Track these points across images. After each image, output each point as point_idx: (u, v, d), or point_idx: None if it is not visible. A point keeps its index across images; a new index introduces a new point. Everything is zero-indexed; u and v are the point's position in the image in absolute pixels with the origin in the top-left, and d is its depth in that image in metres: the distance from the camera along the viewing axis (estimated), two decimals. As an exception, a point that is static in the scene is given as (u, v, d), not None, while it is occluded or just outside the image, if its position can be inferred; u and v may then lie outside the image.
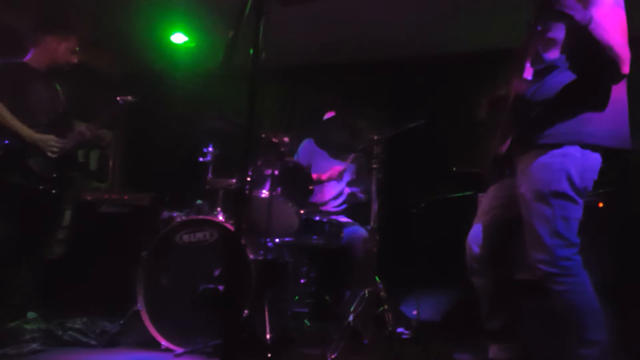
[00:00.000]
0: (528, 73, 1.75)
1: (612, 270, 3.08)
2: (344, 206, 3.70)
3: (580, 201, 1.77)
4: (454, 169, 3.47)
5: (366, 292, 2.77)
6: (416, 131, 3.02)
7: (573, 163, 1.73)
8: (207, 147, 3.04)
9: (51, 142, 2.83)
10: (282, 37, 3.60)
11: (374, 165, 2.98)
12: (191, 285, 2.67)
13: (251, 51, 1.49)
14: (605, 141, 1.75)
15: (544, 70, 1.80)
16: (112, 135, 5.11)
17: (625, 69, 1.68)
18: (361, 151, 3.66)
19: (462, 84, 4.39)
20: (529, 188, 1.78)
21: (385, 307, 2.79)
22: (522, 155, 1.83)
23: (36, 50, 2.95)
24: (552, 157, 1.74)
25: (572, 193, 1.75)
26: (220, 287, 2.63)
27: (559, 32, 1.77)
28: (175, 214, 3.00)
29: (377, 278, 2.85)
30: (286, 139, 2.85)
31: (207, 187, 3.03)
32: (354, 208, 3.67)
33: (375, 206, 2.95)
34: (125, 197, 3.75)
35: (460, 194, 3.62)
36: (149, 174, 4.94)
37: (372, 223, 2.94)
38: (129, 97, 3.01)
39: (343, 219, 3.48)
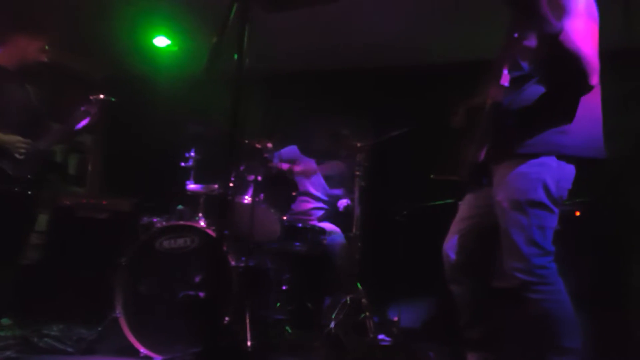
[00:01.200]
0: (505, 80, 1.77)
1: (588, 279, 3.13)
2: (320, 212, 3.70)
3: (556, 210, 1.79)
4: (432, 176, 3.50)
5: (348, 299, 2.77)
6: (399, 139, 3.04)
7: (549, 173, 1.76)
8: (189, 152, 3.02)
9: (18, 144, 2.76)
10: (266, 44, 3.60)
11: (357, 173, 2.99)
12: (171, 292, 2.64)
13: (235, 56, 1.49)
14: (580, 152, 1.78)
15: (522, 78, 1.82)
16: (91, 139, 5.04)
17: (594, 80, 1.71)
18: (344, 158, 3.68)
19: (445, 92, 4.44)
20: (506, 197, 1.80)
21: (367, 314, 2.80)
22: (499, 164, 1.84)
23: (5, 49, 2.88)
24: (529, 167, 1.76)
25: (548, 202, 1.77)
26: (201, 294, 2.60)
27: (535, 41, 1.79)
28: (155, 219, 2.96)
29: (359, 285, 2.85)
30: (269, 145, 2.84)
31: (189, 193, 3.00)
32: (337, 215, 3.68)
33: (357, 213, 2.96)
34: (104, 202, 3.69)
35: (442, 202, 3.65)
36: (128, 178, 4.87)
37: (354, 230, 2.95)
38: (101, 96, 2.96)
39: (325, 225, 3.47)
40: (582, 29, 1.68)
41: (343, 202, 3.63)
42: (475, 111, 1.99)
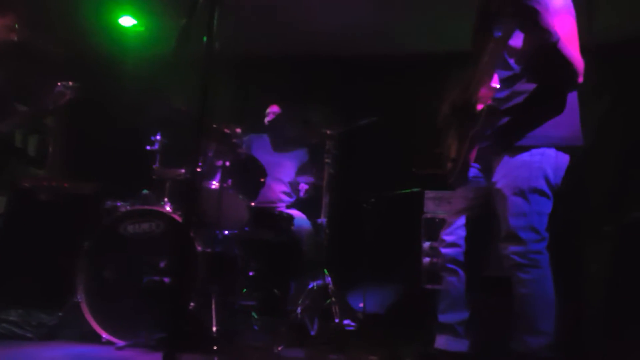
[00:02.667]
0: (495, 80, 1.84)
1: (551, 265, 3.25)
2: (293, 199, 3.71)
3: (552, 197, 1.91)
4: (414, 169, 3.56)
5: (314, 285, 2.79)
6: (368, 128, 3.06)
7: (549, 162, 1.88)
8: (155, 135, 2.96)
9: None
10: (237, 28, 3.55)
11: (326, 160, 3.00)
12: (135, 277, 2.60)
13: (205, 39, 1.46)
14: (570, 142, 1.91)
15: (513, 77, 1.91)
16: (52, 120, 4.87)
17: (581, 79, 1.82)
18: (313, 146, 3.69)
19: (414, 84, 4.50)
20: (508, 184, 1.89)
21: (333, 299, 2.83)
22: (500, 156, 1.93)
23: None
24: (532, 156, 1.87)
25: (547, 190, 1.88)
26: (166, 279, 2.57)
27: (519, 40, 1.85)
28: (119, 203, 2.90)
29: (325, 271, 2.88)
30: (238, 130, 2.82)
31: (154, 177, 2.95)
32: (305, 201, 3.69)
33: (326, 200, 2.98)
34: (66, 185, 3.59)
35: (409, 190, 3.71)
36: (92, 161, 4.75)
37: (322, 217, 2.96)
38: (70, 83, 2.86)
39: (293, 212, 3.48)
40: (565, 27, 1.78)
41: (304, 187, 3.63)
42: (457, 107, 2.04)
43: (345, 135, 3.15)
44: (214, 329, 2.43)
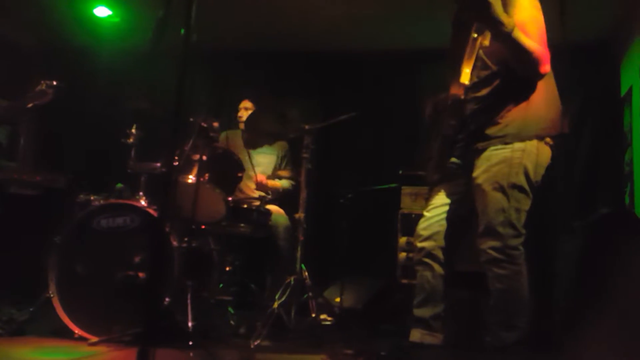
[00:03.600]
0: (465, 78, 1.87)
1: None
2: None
3: (531, 194, 1.94)
4: (400, 172, 3.59)
5: (291, 279, 2.79)
6: (346, 124, 3.07)
7: (530, 158, 1.90)
8: (130, 128, 2.91)
9: None
10: (216, 21, 3.52)
11: (304, 155, 3.00)
12: (109, 272, 2.57)
13: (182, 31, 1.44)
14: (552, 131, 1.96)
15: (491, 76, 1.96)
16: (24, 112, 4.75)
17: (545, 68, 1.87)
18: (291, 141, 3.68)
19: (392, 79, 4.53)
20: (488, 179, 1.91)
21: (310, 294, 2.84)
22: (481, 152, 1.96)
23: None
24: (513, 152, 1.90)
25: (527, 186, 1.91)
26: (141, 274, 2.54)
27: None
28: (93, 197, 2.86)
29: (302, 266, 2.89)
30: (216, 124, 2.79)
31: (129, 171, 2.91)
32: (283, 196, 3.68)
33: (304, 195, 2.98)
34: (38, 178, 3.51)
35: (386, 186, 3.74)
36: (65, 154, 4.66)
37: (300, 212, 2.96)
38: (54, 82, 2.78)
39: (270, 207, 3.47)
40: (530, 21, 1.83)
41: (261, 177, 3.61)
42: (439, 107, 2.08)
43: (323, 131, 3.15)
44: (190, 324, 2.42)
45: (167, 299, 2.48)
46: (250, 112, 3.68)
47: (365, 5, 3.96)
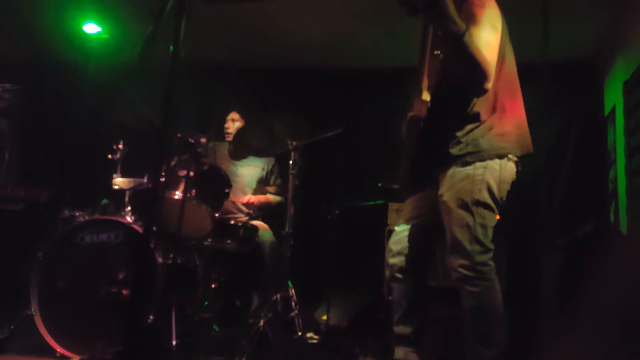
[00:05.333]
0: (427, 95, 1.88)
1: (506, 278, 3.33)
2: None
3: (496, 210, 1.94)
4: (380, 184, 3.60)
5: (277, 296, 2.77)
6: (333, 140, 3.09)
7: (492, 175, 1.90)
8: (116, 143, 2.90)
9: None
10: (204, 37, 3.54)
11: (291, 171, 3.00)
12: (92, 289, 2.53)
13: (171, 48, 1.45)
14: (517, 151, 1.96)
15: (452, 92, 1.94)
16: (7, 125, 4.71)
17: (489, 84, 1.83)
18: (278, 157, 3.68)
19: (379, 96, 4.57)
20: (453, 197, 1.91)
21: (296, 312, 2.82)
22: (446, 168, 1.96)
23: None
24: (475, 169, 1.90)
25: (491, 203, 1.91)
26: (124, 291, 2.50)
27: None
28: (77, 213, 2.82)
29: (289, 283, 2.87)
30: (203, 140, 2.79)
31: (115, 186, 2.88)
32: (269, 213, 3.67)
33: (291, 211, 2.97)
34: (22, 193, 3.46)
35: (373, 203, 3.74)
36: (49, 169, 4.61)
37: (287, 228, 2.96)
38: (7, 85, 2.75)
39: (257, 223, 3.46)
40: (485, 37, 1.82)
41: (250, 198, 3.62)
42: (411, 123, 2.10)
43: (310, 147, 3.16)
44: (174, 342, 2.38)
45: (150, 317, 2.45)
46: (237, 123, 3.69)
47: (351, 24, 4.01)
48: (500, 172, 1.91)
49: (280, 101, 4.62)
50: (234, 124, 3.71)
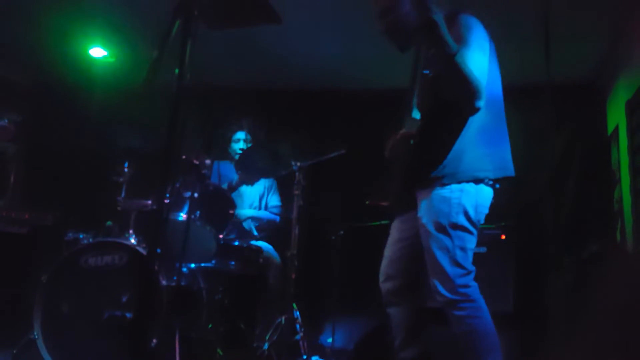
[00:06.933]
0: (416, 113, 1.88)
1: (513, 299, 3.30)
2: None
3: (475, 232, 1.92)
4: (367, 202, 3.59)
5: (282, 319, 2.75)
6: (337, 160, 3.10)
7: (468, 198, 1.89)
8: (122, 165, 2.92)
9: None
10: (207, 59, 3.58)
11: (296, 192, 3.00)
12: (96, 312, 2.51)
13: (177, 71, 1.47)
14: (495, 173, 1.94)
15: (439, 110, 1.95)
16: (14, 148, 4.75)
17: (479, 104, 1.84)
18: (282, 177, 3.68)
19: (383, 117, 4.59)
20: (430, 220, 1.90)
21: (301, 334, 2.78)
22: (424, 190, 1.95)
23: None
24: (451, 192, 1.89)
25: (468, 225, 1.89)
26: (128, 315, 2.49)
27: None
28: (81, 235, 2.82)
29: (294, 305, 2.84)
30: (208, 161, 2.80)
31: (119, 208, 2.89)
32: (274, 234, 3.66)
33: (295, 232, 2.96)
34: (27, 216, 3.47)
35: (378, 223, 3.73)
36: (55, 191, 4.63)
37: (291, 249, 2.94)
38: (14, 115, 2.77)
39: (261, 244, 3.44)
40: (474, 57, 1.83)
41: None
42: (401, 142, 2.11)
43: (314, 168, 3.17)
44: (177, 365, 2.35)
45: (154, 340, 2.42)
46: (244, 144, 3.70)
47: (355, 46, 4.05)
48: (476, 195, 1.91)
49: (284, 122, 4.65)
50: (241, 143, 3.72)
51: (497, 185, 1.96)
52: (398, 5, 1.99)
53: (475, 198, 1.90)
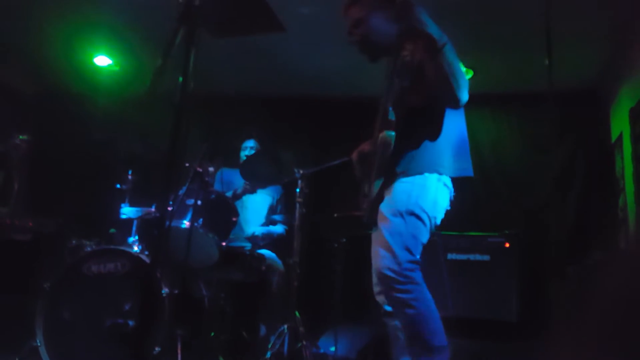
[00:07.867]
0: (391, 115, 1.95)
1: (517, 306, 3.28)
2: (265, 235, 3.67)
3: (429, 225, 1.96)
4: (335, 215, 3.56)
5: (285, 327, 2.74)
6: (340, 168, 3.10)
7: (428, 191, 1.95)
8: (125, 173, 2.93)
9: None
10: (211, 67, 3.60)
11: (298, 200, 3.00)
12: (98, 320, 2.51)
13: (180, 79, 1.48)
14: (453, 172, 2.01)
15: (408, 113, 1.99)
16: (18, 156, 4.77)
17: (465, 97, 1.89)
18: (285, 185, 3.69)
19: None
20: (389, 206, 1.96)
21: (304, 342, 2.77)
22: (389, 187, 2.01)
23: None
24: (412, 185, 1.96)
25: (423, 216, 1.94)
26: (131, 322, 2.48)
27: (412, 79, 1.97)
28: (85, 242, 2.83)
29: (297, 313, 2.83)
30: (211, 169, 2.81)
31: (123, 216, 2.89)
32: (276, 241, 3.66)
33: (298, 240, 2.96)
34: (30, 224, 3.48)
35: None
36: (58, 199, 4.64)
37: (294, 257, 2.94)
38: (27, 137, 2.78)
39: (264, 252, 3.44)
40: (453, 54, 1.87)
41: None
42: (369, 150, 2.13)
43: (316, 175, 3.17)
44: (180, 373, 2.35)
45: (156, 348, 2.42)
46: (253, 151, 3.70)
47: (359, 54, 4.06)
48: (435, 192, 1.96)
49: (287, 129, 4.66)
50: (249, 151, 3.73)
51: (453, 193, 2.02)
52: (368, 17, 2.07)
53: (435, 193, 1.96)
